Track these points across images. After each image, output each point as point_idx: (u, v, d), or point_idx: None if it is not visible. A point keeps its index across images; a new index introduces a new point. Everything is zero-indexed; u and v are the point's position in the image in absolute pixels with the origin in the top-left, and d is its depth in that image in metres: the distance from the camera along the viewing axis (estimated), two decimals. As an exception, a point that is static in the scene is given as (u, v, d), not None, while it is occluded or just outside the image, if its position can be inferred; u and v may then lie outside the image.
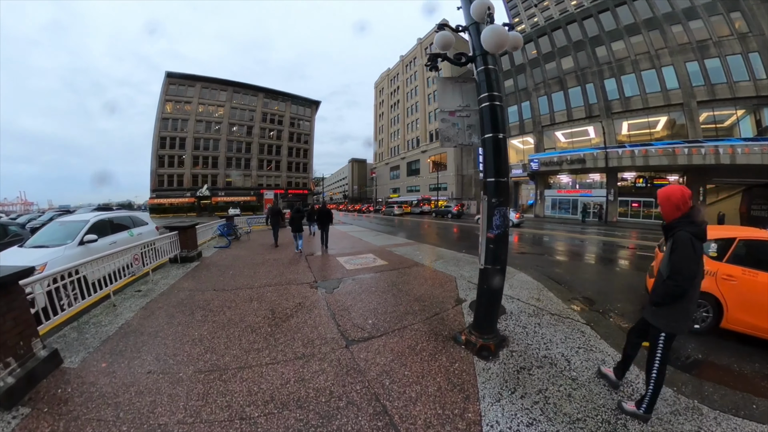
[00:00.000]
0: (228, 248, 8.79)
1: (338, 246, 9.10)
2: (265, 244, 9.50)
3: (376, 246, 8.98)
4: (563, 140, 25.37)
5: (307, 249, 8.60)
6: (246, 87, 47.47)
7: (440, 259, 7.00)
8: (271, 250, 8.45)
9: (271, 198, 21.60)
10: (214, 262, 6.80)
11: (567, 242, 11.35)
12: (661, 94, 19.65)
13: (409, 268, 6.04)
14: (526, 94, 27.64)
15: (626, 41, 21.35)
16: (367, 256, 7.25)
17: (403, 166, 49.91)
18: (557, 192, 25.82)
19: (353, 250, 8.19)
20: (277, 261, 6.90)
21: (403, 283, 5.03)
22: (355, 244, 9.40)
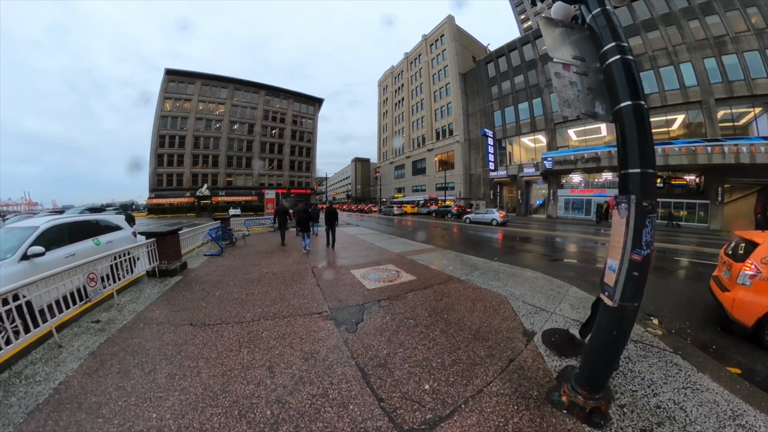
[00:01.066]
0: (220, 256, 7.74)
1: (350, 253, 8.17)
2: (264, 252, 8.42)
3: (394, 253, 8.05)
4: (575, 138, 25.05)
5: (313, 251, 8.43)
6: (247, 84, 47.00)
7: (474, 270, 6.06)
8: (270, 259, 7.30)
9: (273, 198, 21.11)
10: (199, 277, 5.65)
11: (592, 246, 10.63)
12: (679, 91, 19.31)
13: (444, 285, 5.01)
14: (537, 91, 27.32)
15: (643, 37, 20.94)
16: (387, 268, 6.23)
17: (409, 165, 49.40)
18: (570, 192, 25.35)
19: (368, 260, 7.17)
20: (276, 276, 5.68)
21: (447, 309, 3.96)
22: (369, 251, 8.41)
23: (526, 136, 28.69)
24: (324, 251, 8.45)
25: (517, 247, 10.26)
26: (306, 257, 7.53)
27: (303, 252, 8.61)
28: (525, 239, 12.48)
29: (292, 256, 7.84)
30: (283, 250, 8.76)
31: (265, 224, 15.72)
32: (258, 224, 15.44)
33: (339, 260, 7.29)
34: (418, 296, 4.53)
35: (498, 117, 31.14)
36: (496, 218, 19.65)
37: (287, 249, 8.92)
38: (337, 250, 8.57)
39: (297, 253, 8.11)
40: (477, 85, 34.56)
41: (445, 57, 40.45)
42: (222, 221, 11.22)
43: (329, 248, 9.17)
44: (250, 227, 14.43)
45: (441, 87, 41.03)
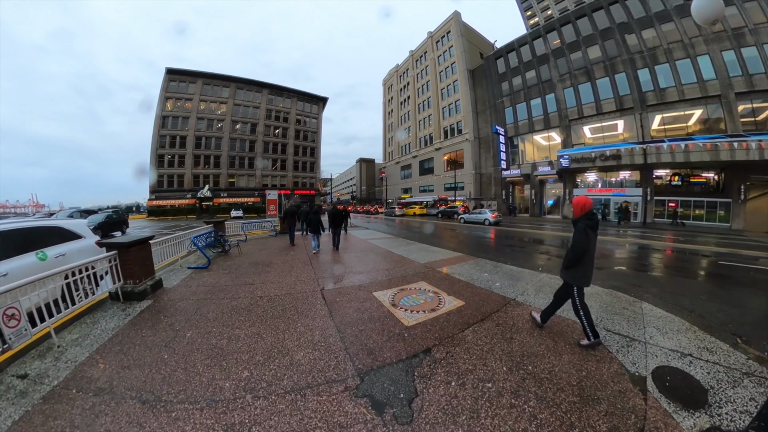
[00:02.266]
0: (207, 269, 6.60)
1: (366, 265, 6.98)
2: (260, 263, 7.23)
3: (420, 264, 6.93)
4: (589, 136, 25.00)
5: (322, 260, 7.61)
6: (249, 83, 47.46)
7: (526, 284, 5.22)
8: (267, 275, 6.07)
9: (275, 198, 20.70)
10: (172, 303, 4.42)
11: (629, 249, 10.12)
12: (697, 85, 19.31)
13: (504, 313, 3.97)
14: (550, 86, 27.23)
15: (657, 29, 21.02)
16: (421, 288, 5.01)
17: (415, 165, 49.40)
18: (588, 191, 25.04)
19: (392, 274, 5.98)
20: (273, 303, 4.37)
21: (527, 354, 2.91)
22: (389, 262, 7.30)
23: (539, 133, 28.56)
24: (335, 262, 7.42)
25: (552, 253, 9.52)
26: (313, 272, 6.20)
27: (312, 252, 8.81)
28: (553, 243, 11.73)
29: (295, 269, 6.58)
30: (284, 260, 7.54)
31: (266, 227, 14.78)
32: (258, 227, 14.57)
33: (355, 276, 5.97)
34: (480, 335, 3.33)
35: (509, 114, 31.08)
36: (488, 218, 20.81)
37: (290, 258, 7.86)
38: (351, 260, 7.50)
39: (301, 265, 6.91)
40: (486, 82, 34.58)
41: (452, 53, 40.62)
42: (215, 225, 10.25)
43: (336, 252, 8.87)
44: (249, 231, 13.54)
45: (448, 84, 41.18)
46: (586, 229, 2.97)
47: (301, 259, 7.91)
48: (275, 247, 9.96)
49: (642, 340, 3.25)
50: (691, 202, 20.48)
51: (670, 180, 20.99)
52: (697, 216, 20.18)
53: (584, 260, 3.03)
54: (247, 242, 11.38)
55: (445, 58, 42.49)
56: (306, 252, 8.92)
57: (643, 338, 3.29)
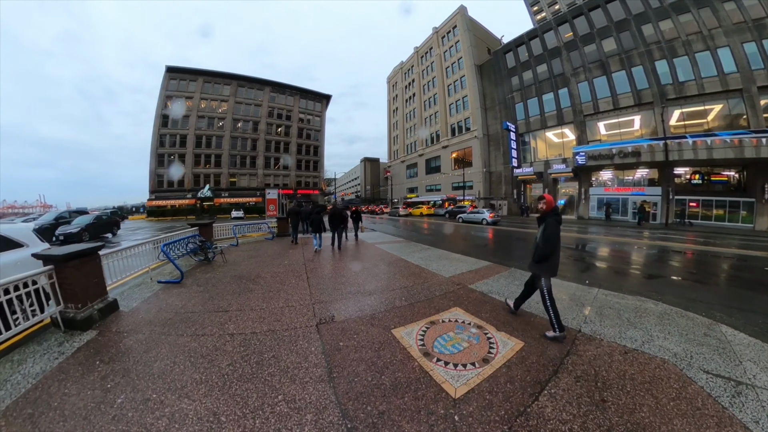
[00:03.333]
0: (179, 284, 5.66)
1: (379, 280, 5.82)
2: (245, 277, 6.11)
3: (445, 278, 5.83)
4: (604, 132, 24.67)
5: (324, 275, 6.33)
6: (251, 81, 47.69)
7: (581, 305, 4.37)
8: (250, 295, 4.98)
9: (275, 198, 18.92)
10: (119, 338, 3.45)
11: (668, 255, 9.49)
12: (718, 78, 19.06)
13: (575, 355, 3.02)
14: (563, 80, 26.94)
15: (674, 20, 20.79)
16: (457, 320, 3.82)
17: (421, 164, 49.27)
18: (604, 190, 24.71)
19: (414, 296, 4.81)
20: (248, 346, 3.24)
21: (634, 428, 2.08)
22: (406, 275, 6.14)
23: (552, 129, 28.24)
24: (337, 274, 6.36)
25: (587, 260, 8.79)
26: (308, 291, 5.15)
27: (314, 251, 9.17)
28: (586, 248, 10.88)
29: (287, 285, 5.50)
30: (274, 273, 6.47)
31: (262, 229, 13.83)
32: (254, 229, 13.69)
33: (364, 298, 4.75)
34: (562, 401, 2.35)
35: (520, 109, 30.84)
36: (486, 218, 21.56)
37: (282, 269, 6.78)
38: (358, 273, 6.41)
39: (294, 280, 5.85)
40: (495, 77, 34.36)
41: (458, 49, 40.48)
42: (200, 228, 9.56)
43: (338, 254, 8.78)
44: (244, 233, 12.80)
45: (455, 80, 40.99)
46: (555, 224, 3.36)
47: (296, 269, 6.83)
48: (268, 254, 8.89)
49: (748, 382, 2.71)
50: (712, 201, 20.09)
51: (690, 178, 20.65)
52: (719, 216, 19.76)
53: (555, 253, 3.41)
54: (239, 246, 10.41)
55: (451, 53, 42.49)
56: (303, 259, 8.01)
57: (747, 380, 2.74)
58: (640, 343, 3.29)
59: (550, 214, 3.40)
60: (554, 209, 3.44)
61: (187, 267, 7.17)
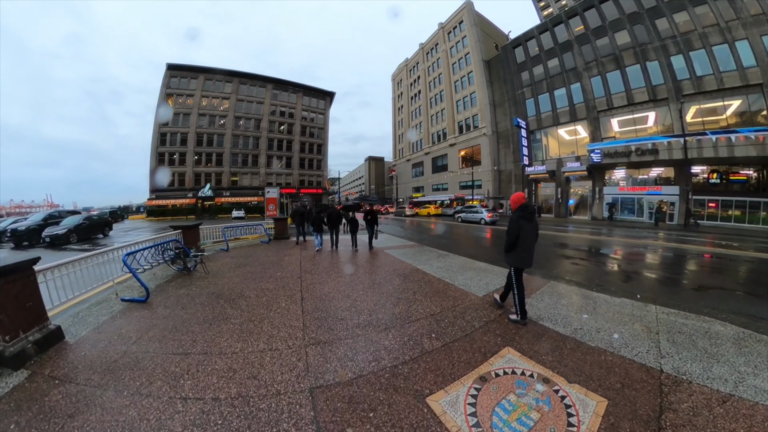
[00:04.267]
0: (145, 303, 4.88)
1: (395, 306, 4.60)
2: (225, 295, 5.21)
3: (479, 298, 4.91)
4: (617, 129, 24.52)
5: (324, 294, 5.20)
6: (253, 78, 48.03)
7: (647, 330, 3.68)
8: (222, 325, 3.94)
9: (275, 197, 17.94)
10: (50, 386, 2.73)
11: (703, 259, 9.08)
12: (737, 72, 18.87)
13: (672, 413, 2.34)
14: (575, 75, 26.83)
15: (690, 12, 20.65)
16: (514, 370, 2.89)
17: (428, 163, 49.44)
18: (619, 190, 24.53)
19: (446, 330, 3.74)
20: (205, 427, 2.18)
21: None
22: (431, 297, 4.93)
23: (564, 126, 28.12)
24: (341, 295, 5.15)
25: (622, 267, 8.03)
26: (301, 325, 3.96)
27: (315, 250, 9.37)
28: (616, 254, 10.11)
29: (274, 312, 4.40)
30: (261, 290, 5.46)
31: (258, 231, 12.94)
32: (250, 231, 12.82)
33: (378, 336, 3.59)
34: None
35: (530, 105, 30.75)
36: (484, 218, 22.06)
37: (272, 285, 5.76)
38: (367, 293, 5.26)
39: (285, 303, 4.77)
40: (504, 72, 34.30)
41: (465, 44, 40.54)
42: (184, 230, 8.65)
43: (333, 248, 9.08)
44: (239, 235, 12.11)
45: (462, 76, 41.07)
46: (519, 219, 3.84)
47: (289, 285, 5.78)
48: (260, 262, 7.94)
49: None
50: (732, 201, 19.88)
51: (707, 177, 20.48)
52: (738, 217, 19.50)
53: (519, 246, 3.85)
54: (229, 252, 9.65)
55: (457, 49, 42.61)
56: (300, 270, 7.06)
57: None
58: (733, 384, 2.76)
59: (516, 211, 3.93)
60: (520, 207, 3.93)
61: (162, 278, 6.40)
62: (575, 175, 27.03)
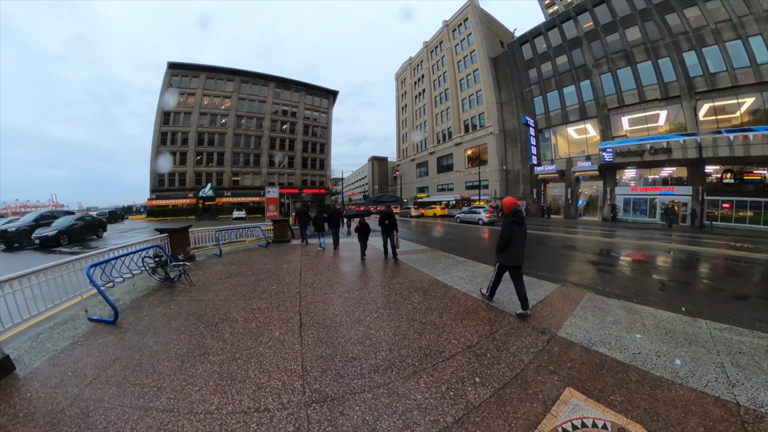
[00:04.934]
0: (114, 325, 4.21)
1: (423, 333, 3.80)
2: (208, 317, 4.38)
3: (515, 317, 4.28)
4: (628, 127, 24.46)
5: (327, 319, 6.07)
6: (255, 76, 48.37)
7: (711, 355, 3.32)
8: (197, 366, 2.98)
9: (275, 197, 18.04)
10: None
11: (731, 264, 8.86)
12: (751, 69, 18.78)
13: None
14: (585, 72, 26.82)
15: (701, 7, 20.68)
16: (583, 420, 2.33)
17: (432, 162, 49.42)
18: (631, 190, 24.40)
19: (494, 372, 2.97)
20: None
21: None
22: (463, 319, 4.22)
23: (574, 124, 28.07)
24: (351, 320, 4.26)
25: (661, 275, 7.47)
26: (299, 369, 3.03)
27: (318, 249, 9.72)
28: (642, 259, 9.73)
29: (266, 346, 3.54)
30: (252, 311, 4.63)
31: (255, 234, 12.25)
32: (246, 233, 12.10)
33: (408, 387, 2.77)
34: None
35: (539, 103, 30.75)
36: (482, 218, 22.93)
37: (264, 304, 4.90)
38: (384, 314, 4.43)
39: (279, 332, 3.88)
40: (510, 70, 34.32)
41: (470, 42, 40.62)
42: (172, 234, 7.88)
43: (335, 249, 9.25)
44: (230, 240, 11.37)
45: (468, 74, 41.10)
46: (510, 223, 4.25)
47: (287, 304, 4.91)
48: (254, 271, 7.10)
49: None
50: (747, 202, 19.72)
51: (721, 177, 20.32)
52: (753, 218, 19.37)
53: (510, 246, 4.28)
54: (222, 257, 8.94)
55: (463, 47, 42.71)
56: (299, 282, 6.17)
57: None
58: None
59: (508, 215, 4.37)
60: (512, 212, 4.37)
61: (142, 290, 5.70)
62: (586, 174, 26.95)
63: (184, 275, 6.21)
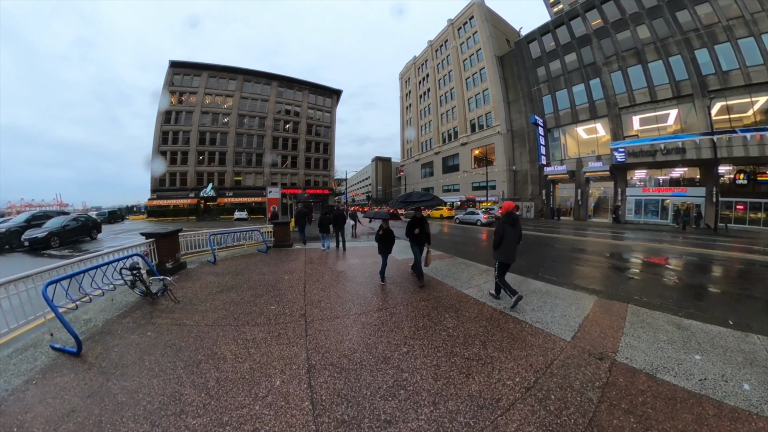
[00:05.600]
0: (77, 357, 3.53)
1: (470, 376, 3.05)
2: (191, 350, 3.58)
3: (568, 344, 3.77)
4: (637, 127, 24.57)
5: None
6: (258, 75, 48.71)
7: None
8: (175, 424, 2.30)
9: (276, 197, 18.31)
10: None
11: (758, 269, 8.58)
12: (764, 66, 18.86)
13: None
14: (594, 70, 26.96)
15: (713, 3, 20.78)
16: None
17: (438, 163, 49.79)
18: (643, 191, 24.45)
19: (564, 426, 2.39)
20: None
21: None
22: (507, 349, 3.63)
23: (584, 123, 28.17)
24: (374, 366, 3.26)
25: (692, 282, 7.30)
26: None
27: (322, 250, 9.76)
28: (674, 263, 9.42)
29: (263, 401, 2.69)
30: (246, 342, 3.80)
31: (254, 238, 11.31)
32: (244, 237, 11.10)
33: None
34: None
35: (547, 102, 30.89)
36: (480, 219, 24.04)
37: (266, 332, 4.08)
38: (411, 341, 3.79)
39: (281, 380, 3.00)
40: (518, 68, 34.53)
41: (476, 40, 40.93)
42: (157, 239, 7.16)
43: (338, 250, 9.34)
44: (226, 244, 10.56)
45: (474, 73, 41.37)
46: (504, 223, 4.85)
47: (290, 334, 4.00)
48: (250, 284, 6.26)
49: None
50: (761, 204, 19.76)
51: (734, 178, 20.31)
52: (767, 220, 19.39)
53: (504, 245, 4.83)
54: (216, 265, 8.22)
55: (468, 45, 43.01)
56: (304, 299, 5.39)
57: None
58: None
59: (503, 217, 4.97)
60: (506, 214, 4.94)
61: (119, 308, 5.03)
62: (596, 175, 27.03)
63: (167, 292, 5.43)
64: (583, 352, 3.61)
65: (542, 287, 6.08)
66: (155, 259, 7.12)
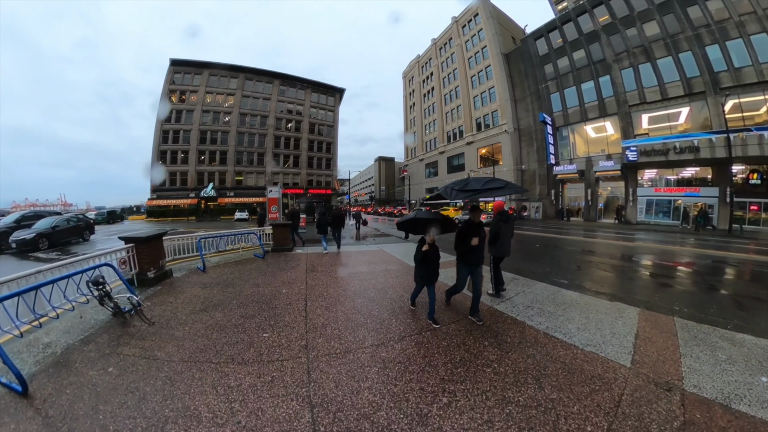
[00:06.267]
0: (23, 396, 2.85)
1: (533, 430, 2.35)
2: (160, 403, 2.67)
3: (628, 370, 3.31)
4: (646, 125, 24.60)
5: None
6: (260, 73, 48.99)
7: None
8: None
9: (276, 197, 17.49)
10: None
11: None
12: None
13: None
14: (604, 67, 26.96)
15: None
16: None
17: (442, 162, 49.80)
18: (654, 191, 24.37)
19: None
20: None
21: None
22: (564, 386, 2.96)
23: (593, 122, 28.12)
24: (391, 415, 2.52)
25: (726, 290, 7.14)
26: None
27: (322, 252, 9.78)
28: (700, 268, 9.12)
29: None
30: (228, 389, 2.92)
31: (251, 241, 10.53)
32: (239, 240, 10.22)
33: None
34: None
35: (555, 100, 30.94)
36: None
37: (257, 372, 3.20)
38: (452, 385, 2.99)
39: None
40: (524, 66, 34.61)
41: (481, 38, 41.00)
42: (137, 244, 6.48)
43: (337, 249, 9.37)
44: (219, 249, 9.59)
45: (479, 71, 41.41)
46: (498, 221, 5.32)
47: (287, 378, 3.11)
48: (239, 302, 5.44)
49: None
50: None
51: (747, 177, 20.30)
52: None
53: (499, 241, 5.32)
54: (206, 273, 7.65)
55: (473, 43, 43.07)
56: (305, 323, 4.50)
57: None
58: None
59: (497, 215, 5.43)
60: (499, 213, 5.45)
61: (85, 329, 4.36)
62: (607, 174, 26.99)
63: (138, 313, 4.64)
64: (649, 381, 3.16)
65: (577, 298, 5.67)
66: (135, 268, 6.41)
